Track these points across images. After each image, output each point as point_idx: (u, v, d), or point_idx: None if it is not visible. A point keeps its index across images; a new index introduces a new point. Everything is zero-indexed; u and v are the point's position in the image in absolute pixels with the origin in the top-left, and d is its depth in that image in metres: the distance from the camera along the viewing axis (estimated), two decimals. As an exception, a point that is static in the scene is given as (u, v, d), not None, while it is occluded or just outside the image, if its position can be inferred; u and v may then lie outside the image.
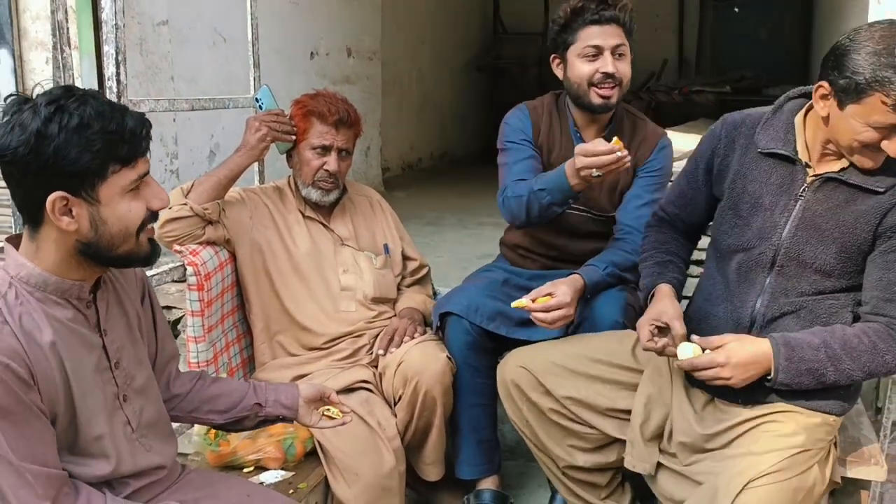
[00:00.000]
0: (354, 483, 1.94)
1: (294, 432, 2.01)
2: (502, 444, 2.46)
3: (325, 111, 2.21)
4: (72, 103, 1.21)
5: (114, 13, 1.99)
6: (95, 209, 1.25)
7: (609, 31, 2.12)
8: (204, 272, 2.13)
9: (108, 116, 1.23)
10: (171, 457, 1.52)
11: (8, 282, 1.27)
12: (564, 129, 2.29)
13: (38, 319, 1.26)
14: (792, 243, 1.67)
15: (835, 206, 1.64)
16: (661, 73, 8.52)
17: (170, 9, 3.66)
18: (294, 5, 4.84)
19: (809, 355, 1.59)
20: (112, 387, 1.39)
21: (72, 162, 1.20)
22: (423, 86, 7.17)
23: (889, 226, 1.59)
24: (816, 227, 1.65)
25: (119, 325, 1.43)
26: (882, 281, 1.60)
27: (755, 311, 1.71)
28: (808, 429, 1.65)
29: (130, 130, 1.24)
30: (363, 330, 2.25)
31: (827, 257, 1.64)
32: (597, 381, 1.89)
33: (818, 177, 1.66)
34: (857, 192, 1.62)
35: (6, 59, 3.33)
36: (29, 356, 1.22)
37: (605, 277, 2.10)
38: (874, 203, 1.60)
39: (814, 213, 1.65)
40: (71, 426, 1.32)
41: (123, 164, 1.25)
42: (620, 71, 2.14)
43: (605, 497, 2.02)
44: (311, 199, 2.27)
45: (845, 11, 4.24)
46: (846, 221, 1.62)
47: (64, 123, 1.19)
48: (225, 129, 3.99)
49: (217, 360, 2.20)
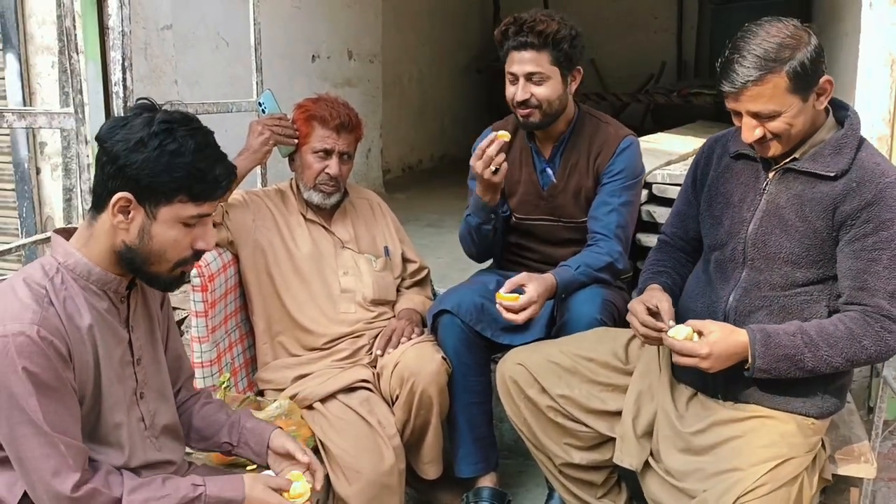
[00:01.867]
0: (355, 481, 1.97)
1: (296, 431, 2.04)
2: (500, 443, 2.50)
3: (327, 115, 2.25)
4: (181, 130, 1.33)
5: (120, 20, 2.03)
6: (149, 222, 1.36)
7: (525, 58, 2.16)
8: (208, 273, 2.17)
9: (203, 155, 1.34)
10: (180, 457, 1.59)
11: (56, 267, 1.37)
12: (523, 144, 2.36)
13: (80, 304, 1.36)
14: (757, 236, 1.72)
15: (794, 195, 1.69)
16: (660, 75, 8.55)
17: (174, 14, 3.70)
18: (296, 9, 4.88)
19: (786, 341, 1.62)
20: (132, 382, 1.46)
21: (152, 176, 1.32)
22: (423, 88, 7.20)
23: (848, 214, 1.62)
24: (780, 218, 1.70)
25: (143, 325, 1.51)
26: (852, 270, 1.63)
27: (728, 305, 1.76)
28: (788, 436, 1.68)
29: (214, 176, 1.35)
30: (363, 331, 2.29)
31: (791, 246, 1.68)
32: (591, 381, 1.93)
33: (777, 169, 1.72)
34: (812, 179, 1.67)
35: (13, 64, 3.37)
36: (69, 337, 1.32)
37: (577, 276, 2.15)
38: (828, 190, 1.65)
39: (777, 205, 1.71)
40: (94, 411, 1.39)
41: (192, 199, 1.35)
42: (536, 95, 2.19)
43: (601, 496, 2.04)
44: (313, 202, 2.31)
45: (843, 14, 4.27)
46: (805, 210, 1.67)
47: (164, 144, 1.32)
48: (228, 132, 3.97)
49: (220, 360, 2.24)
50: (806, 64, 1.57)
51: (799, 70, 1.57)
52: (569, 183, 2.30)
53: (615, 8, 8.88)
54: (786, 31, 1.59)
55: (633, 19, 8.84)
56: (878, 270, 1.59)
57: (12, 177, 3.55)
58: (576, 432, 1.94)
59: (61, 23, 2.13)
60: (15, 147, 3.51)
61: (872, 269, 1.60)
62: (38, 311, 1.29)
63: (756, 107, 1.61)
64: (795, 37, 1.58)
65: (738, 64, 1.58)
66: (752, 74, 1.57)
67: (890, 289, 1.59)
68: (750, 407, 1.74)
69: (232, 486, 1.45)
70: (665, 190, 2.92)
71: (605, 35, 8.88)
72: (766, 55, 1.56)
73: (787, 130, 1.63)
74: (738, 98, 1.61)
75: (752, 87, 1.58)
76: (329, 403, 2.11)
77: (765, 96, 1.58)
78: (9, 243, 2.76)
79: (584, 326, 2.09)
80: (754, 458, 1.63)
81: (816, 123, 1.68)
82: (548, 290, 2.09)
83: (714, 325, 1.67)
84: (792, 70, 1.56)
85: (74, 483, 1.29)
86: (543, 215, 2.35)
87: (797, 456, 1.66)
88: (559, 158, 2.31)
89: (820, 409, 1.72)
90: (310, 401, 2.13)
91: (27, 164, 3.50)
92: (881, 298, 1.59)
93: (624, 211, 2.25)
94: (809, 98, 1.61)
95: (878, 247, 1.59)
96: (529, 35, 2.13)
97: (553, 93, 2.20)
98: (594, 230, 2.25)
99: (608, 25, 8.92)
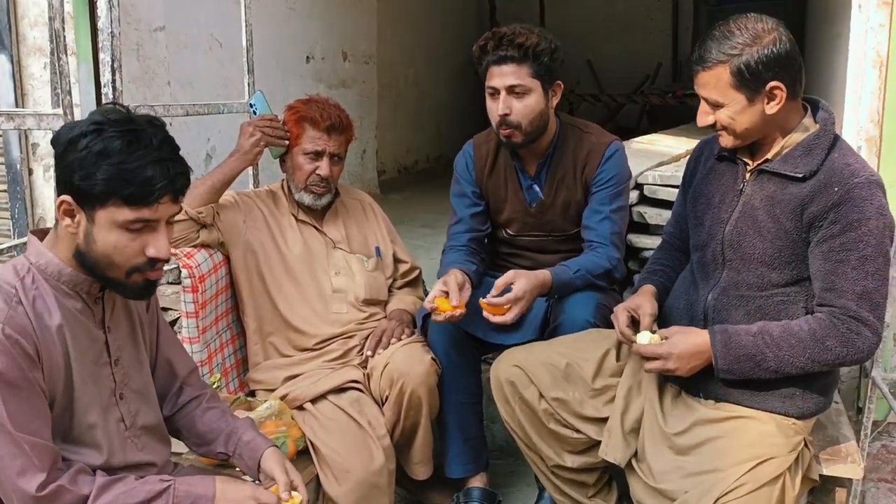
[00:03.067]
0: (345, 481, 1.98)
1: (286, 431, 2.04)
2: (491, 443, 2.50)
3: (318, 117, 2.25)
4: (111, 130, 1.29)
5: (110, 21, 2.03)
6: (90, 226, 1.33)
7: (506, 72, 2.13)
8: (198, 274, 2.17)
9: (133, 157, 1.28)
10: (164, 457, 1.58)
11: (27, 267, 1.36)
12: (507, 161, 2.35)
13: (50, 304, 1.35)
14: (733, 236, 1.73)
15: (767, 196, 1.70)
16: (656, 76, 8.57)
17: (166, 15, 3.70)
18: (290, 10, 4.88)
19: (746, 341, 1.63)
20: (110, 382, 1.45)
21: (81, 178, 1.29)
22: (418, 89, 7.21)
23: (815, 215, 1.62)
24: (754, 219, 1.71)
25: (122, 326, 1.50)
26: (821, 272, 1.63)
27: (706, 304, 1.77)
28: (768, 436, 1.68)
29: (145, 178, 1.29)
30: (354, 331, 2.29)
31: (765, 247, 1.69)
32: (585, 386, 1.93)
33: (752, 171, 1.74)
34: (783, 181, 1.68)
35: (5, 65, 3.37)
36: (38, 336, 1.31)
37: (574, 280, 2.14)
38: (797, 191, 1.65)
39: (752, 205, 1.72)
40: (67, 411, 1.38)
41: (125, 203, 1.30)
42: (515, 112, 2.15)
43: (592, 495, 2.05)
44: (304, 202, 2.31)
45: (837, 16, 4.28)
46: (776, 211, 1.68)
47: (91, 144, 1.28)
48: (221, 133, 4.03)
49: (211, 360, 2.24)
50: (751, 64, 1.58)
51: (742, 68, 1.58)
52: (556, 198, 2.30)
53: (611, 9, 8.91)
54: (750, 29, 1.60)
55: (628, 20, 8.86)
56: (845, 271, 1.59)
57: (5, 178, 3.55)
58: (568, 438, 1.95)
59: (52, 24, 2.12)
60: (7, 148, 3.51)
61: (840, 271, 1.59)
62: (3, 310, 1.28)
63: (703, 92, 1.66)
64: (756, 36, 1.59)
65: (699, 47, 1.63)
66: (704, 60, 1.61)
67: (858, 290, 1.58)
68: (730, 406, 1.74)
69: (202, 483, 1.44)
70: (656, 191, 2.93)
71: (601, 36, 8.91)
72: (719, 45, 1.60)
73: (730, 124, 1.65)
74: (695, 79, 1.66)
75: (701, 71, 1.63)
76: (319, 404, 2.12)
77: (710, 84, 1.63)
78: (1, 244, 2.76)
79: (577, 329, 2.09)
80: (734, 459, 1.64)
81: (788, 125, 1.68)
82: (539, 286, 2.09)
83: (669, 330, 1.71)
84: (735, 67, 1.58)
85: (40, 483, 1.28)
86: (533, 231, 2.36)
87: (778, 456, 1.66)
88: (545, 174, 2.31)
89: (800, 409, 1.72)
90: (300, 401, 2.13)
91: (19, 165, 3.50)
92: (848, 300, 1.59)
93: (616, 217, 2.25)
94: (756, 100, 1.62)
95: (845, 248, 1.59)
96: (510, 48, 2.11)
97: (535, 107, 2.16)
98: (589, 239, 2.25)
99: (604, 26, 8.95)
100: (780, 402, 1.71)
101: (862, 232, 1.58)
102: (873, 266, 1.58)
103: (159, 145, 1.32)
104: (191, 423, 1.65)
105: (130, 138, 1.29)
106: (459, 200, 2.41)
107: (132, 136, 1.30)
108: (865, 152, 2.38)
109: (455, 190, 2.42)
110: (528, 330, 2.24)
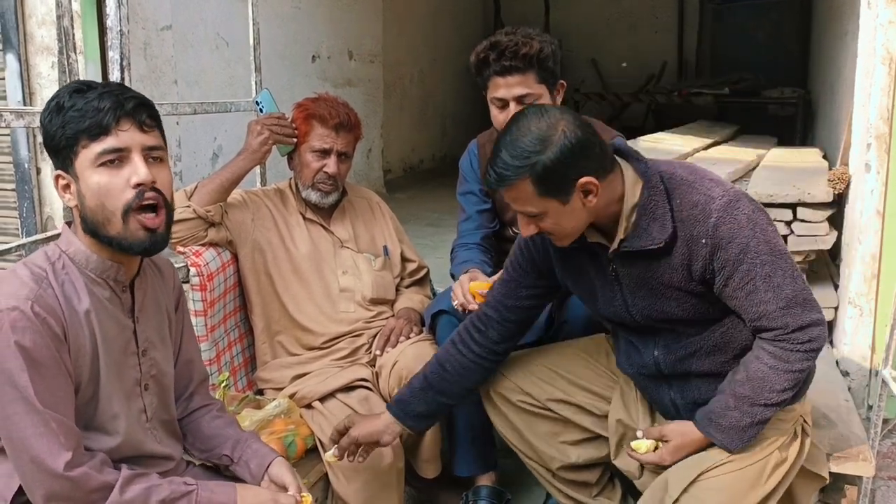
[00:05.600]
0: (354, 479, 1.98)
1: (295, 430, 2.05)
2: (499, 442, 2.50)
3: (326, 115, 2.25)
4: (64, 93, 1.34)
5: (118, 19, 2.03)
6: (78, 185, 1.35)
7: (513, 82, 2.08)
8: (206, 273, 2.17)
9: (81, 97, 1.33)
10: (179, 452, 1.59)
11: (58, 254, 1.39)
12: None
13: (79, 289, 1.36)
14: (637, 309, 1.66)
15: (643, 270, 1.62)
16: (661, 75, 8.56)
17: (173, 14, 3.71)
18: (296, 9, 4.89)
19: (732, 413, 1.59)
20: (135, 372, 1.46)
21: (52, 140, 1.34)
22: (424, 88, 7.21)
23: (702, 270, 1.55)
24: (648, 290, 1.63)
25: (151, 319, 1.51)
26: (740, 308, 1.56)
27: (658, 362, 1.72)
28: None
29: (94, 108, 1.32)
30: (362, 330, 2.29)
31: (673, 309, 1.62)
32: (577, 386, 1.93)
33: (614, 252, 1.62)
34: (648, 256, 1.58)
35: (13, 64, 3.37)
36: (66, 317, 1.32)
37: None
38: (670, 259, 1.57)
39: (635, 280, 1.64)
40: (93, 399, 1.38)
41: (89, 139, 1.32)
42: None
43: (596, 495, 2.03)
44: (311, 200, 2.31)
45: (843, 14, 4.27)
46: (663, 279, 1.60)
47: (50, 108, 1.34)
48: (228, 132, 4.04)
49: (220, 359, 2.24)
50: (550, 170, 1.47)
51: (543, 176, 1.47)
52: None
53: (616, 7, 8.89)
54: (533, 131, 1.48)
55: (634, 19, 8.85)
56: (761, 298, 1.52)
57: (13, 177, 3.55)
58: (567, 427, 1.93)
59: (60, 23, 2.13)
60: (15, 147, 3.51)
61: (756, 300, 1.52)
62: (34, 289, 1.30)
63: (516, 206, 1.55)
64: (541, 139, 1.47)
65: (493, 165, 1.51)
66: (502, 180, 1.49)
67: (781, 305, 1.52)
68: None
69: (224, 491, 1.44)
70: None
71: (606, 35, 8.90)
72: (512, 159, 1.48)
73: (556, 229, 1.56)
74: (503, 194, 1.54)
75: (505, 190, 1.51)
76: (328, 402, 2.12)
77: (520, 199, 1.51)
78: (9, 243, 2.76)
79: (581, 326, 2.08)
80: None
81: (615, 196, 1.56)
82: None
83: (671, 432, 1.68)
84: (536, 177, 1.47)
85: (67, 461, 1.27)
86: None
87: (770, 437, 1.64)
88: None
89: None
90: (308, 400, 2.13)
91: (28, 164, 3.51)
92: (780, 319, 1.53)
93: None
94: (571, 199, 1.50)
95: (746, 279, 1.52)
96: (513, 59, 2.06)
97: None
98: None
99: (609, 25, 8.94)
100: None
101: (751, 257, 1.51)
102: (780, 275, 1.52)
103: (107, 85, 1.38)
104: (197, 427, 1.65)
105: (79, 87, 1.35)
106: (467, 198, 2.41)
107: (82, 86, 1.35)
108: (875, 150, 2.37)
109: (462, 188, 2.43)
110: (533, 330, 2.23)
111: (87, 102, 1.32)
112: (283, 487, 1.55)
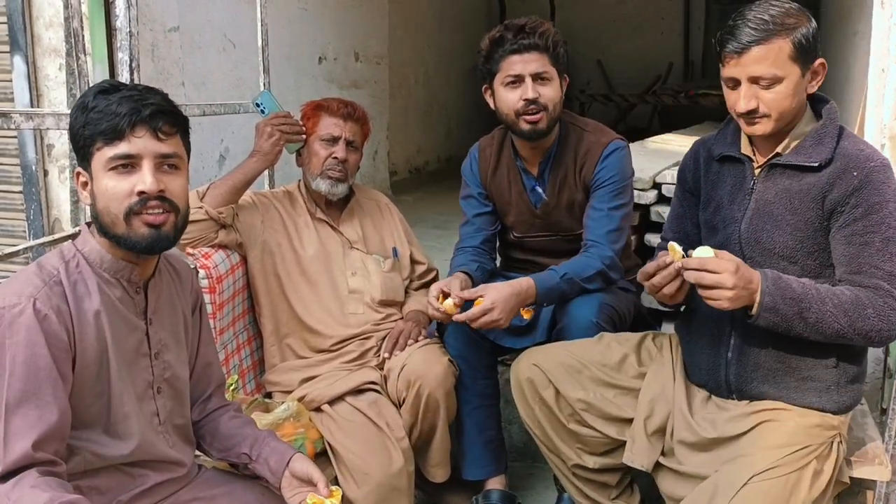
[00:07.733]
0: (364, 483, 1.96)
1: (304, 433, 2.04)
2: (510, 445, 2.49)
3: (334, 106, 2.30)
4: (92, 91, 1.36)
5: (128, 21, 2.02)
6: (92, 184, 1.37)
7: (529, 59, 2.12)
8: (216, 275, 2.16)
9: (104, 101, 1.34)
10: (191, 458, 1.57)
11: (73, 253, 1.40)
12: (510, 163, 2.34)
13: (91, 289, 1.37)
14: (749, 234, 1.72)
15: (782, 190, 1.69)
16: (667, 76, 8.55)
17: (181, 15, 3.71)
18: (303, 11, 4.88)
19: (795, 286, 1.60)
20: (147, 375, 1.45)
21: (75, 137, 1.37)
22: (429, 89, 7.20)
23: (837, 201, 1.63)
24: (770, 214, 1.70)
25: (166, 322, 1.50)
26: (846, 256, 1.63)
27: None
28: (806, 428, 1.67)
29: (113, 112, 1.33)
30: (371, 332, 2.28)
31: (785, 240, 1.68)
32: (606, 385, 1.91)
33: (762, 167, 1.73)
34: (797, 173, 1.68)
35: (20, 66, 3.37)
36: (73, 318, 1.32)
37: (560, 285, 2.10)
38: (814, 180, 1.66)
39: (766, 201, 1.71)
40: (103, 397, 1.37)
41: (105, 143, 1.34)
42: (544, 96, 2.14)
43: (614, 497, 2.02)
44: (321, 190, 2.30)
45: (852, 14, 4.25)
46: (794, 202, 1.68)
47: (78, 105, 1.37)
48: (235, 133, 4.03)
49: (228, 361, 2.23)
50: (809, 37, 1.60)
51: (802, 41, 1.60)
52: (560, 198, 2.29)
53: (622, 9, 8.88)
54: (789, 7, 1.63)
55: (639, 20, 8.84)
56: (871, 254, 1.60)
57: (20, 179, 3.54)
58: (588, 439, 1.93)
59: (69, 24, 2.12)
60: (23, 149, 3.50)
61: (866, 253, 1.60)
62: (39, 286, 1.31)
63: (759, 69, 1.60)
64: (798, 13, 1.62)
65: (746, 26, 1.60)
66: (760, 35, 1.58)
67: (887, 269, 1.59)
68: (764, 403, 1.73)
69: None
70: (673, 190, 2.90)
71: (612, 36, 8.89)
72: (773, 20, 1.59)
73: (779, 104, 1.63)
74: (740, 60, 1.61)
75: (757, 47, 1.59)
76: (337, 405, 2.10)
77: (769, 59, 1.59)
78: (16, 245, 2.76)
79: (580, 330, 2.06)
80: (772, 443, 1.63)
81: (798, 115, 1.69)
82: (517, 295, 2.02)
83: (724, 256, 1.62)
84: (796, 39, 1.59)
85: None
86: (541, 232, 2.35)
87: (811, 444, 1.65)
88: (547, 175, 2.29)
89: (837, 403, 1.70)
90: (318, 403, 2.12)
91: (35, 166, 3.50)
92: (879, 279, 1.59)
93: (616, 215, 2.21)
94: (806, 75, 1.63)
95: (868, 230, 1.60)
96: (532, 37, 2.11)
97: (556, 95, 2.17)
98: (586, 238, 2.22)
99: (615, 26, 8.92)
100: (816, 397, 1.70)
101: (883, 214, 1.59)
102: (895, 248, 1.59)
103: (134, 87, 1.39)
104: (215, 427, 1.64)
105: (106, 87, 1.36)
106: (467, 202, 2.43)
107: (109, 86, 1.37)
108: (889, 150, 2.35)
109: (463, 193, 2.44)
110: (538, 332, 2.22)
111: (108, 105, 1.33)
112: (308, 482, 1.52)
